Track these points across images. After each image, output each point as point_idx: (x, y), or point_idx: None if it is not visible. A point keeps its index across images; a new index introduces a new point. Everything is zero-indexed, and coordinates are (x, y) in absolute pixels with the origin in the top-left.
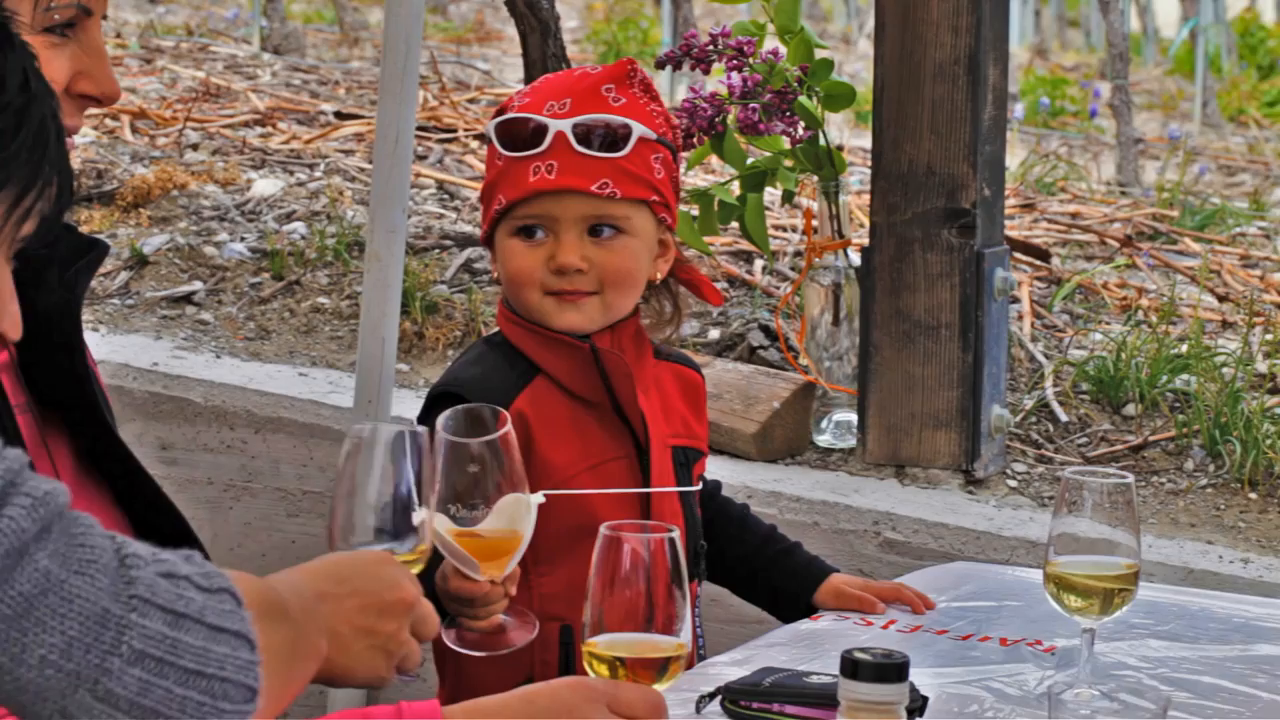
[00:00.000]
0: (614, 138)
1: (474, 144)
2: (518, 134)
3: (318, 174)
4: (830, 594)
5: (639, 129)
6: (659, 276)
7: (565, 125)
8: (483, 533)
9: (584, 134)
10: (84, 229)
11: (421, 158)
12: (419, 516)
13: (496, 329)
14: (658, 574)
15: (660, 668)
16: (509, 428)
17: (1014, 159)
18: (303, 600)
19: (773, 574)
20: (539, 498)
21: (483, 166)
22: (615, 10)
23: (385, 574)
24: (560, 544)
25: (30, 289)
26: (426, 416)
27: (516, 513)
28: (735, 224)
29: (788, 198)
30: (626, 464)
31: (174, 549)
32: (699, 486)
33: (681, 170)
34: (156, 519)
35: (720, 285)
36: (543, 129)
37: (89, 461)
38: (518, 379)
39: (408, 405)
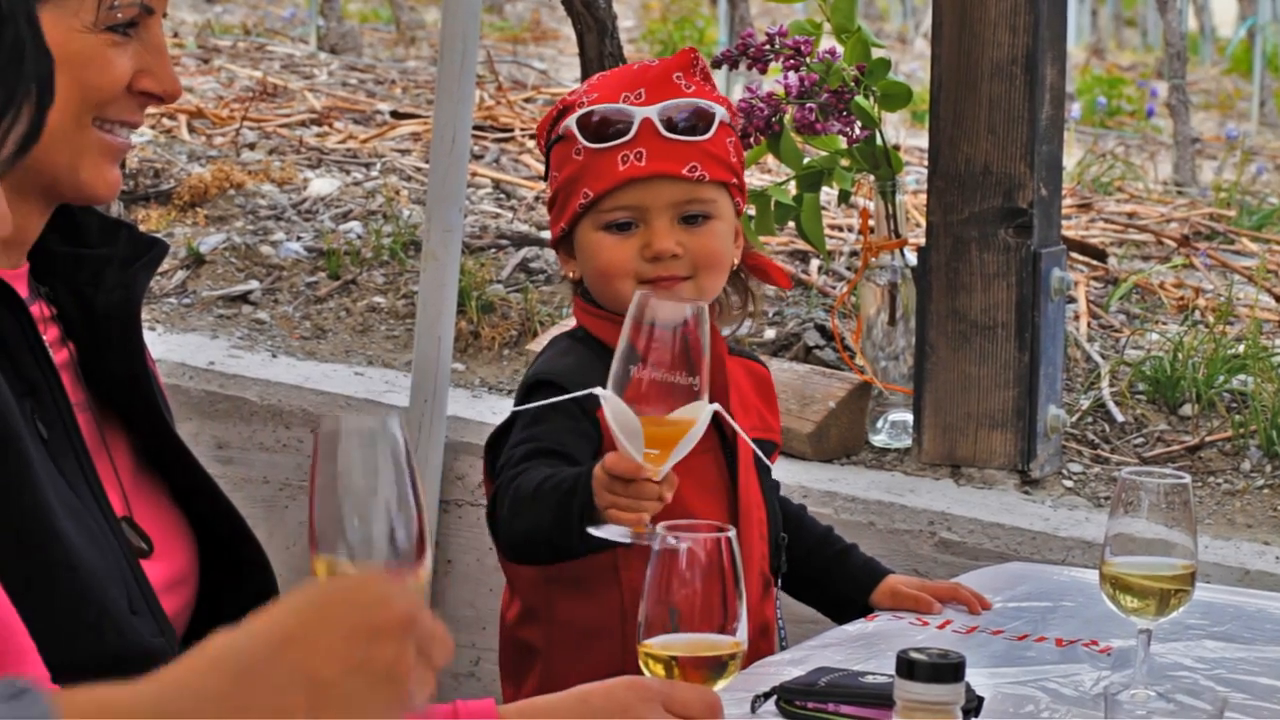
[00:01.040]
0: (699, 121)
1: (530, 143)
2: (602, 125)
3: (374, 173)
4: (887, 595)
5: (720, 112)
6: (735, 262)
7: (651, 112)
8: (659, 418)
9: (670, 119)
10: (141, 228)
11: (478, 157)
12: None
13: (575, 325)
14: (713, 574)
15: (717, 667)
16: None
17: (1071, 159)
18: (259, 652)
19: (829, 575)
20: (715, 406)
21: (540, 166)
22: (671, 9)
23: (369, 593)
24: None
25: (89, 287)
26: (521, 404)
27: (691, 413)
28: (792, 224)
29: (844, 198)
30: (713, 456)
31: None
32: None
33: None
34: (214, 518)
35: (765, 287)
36: (628, 117)
37: (147, 460)
38: (607, 371)
39: (463, 404)
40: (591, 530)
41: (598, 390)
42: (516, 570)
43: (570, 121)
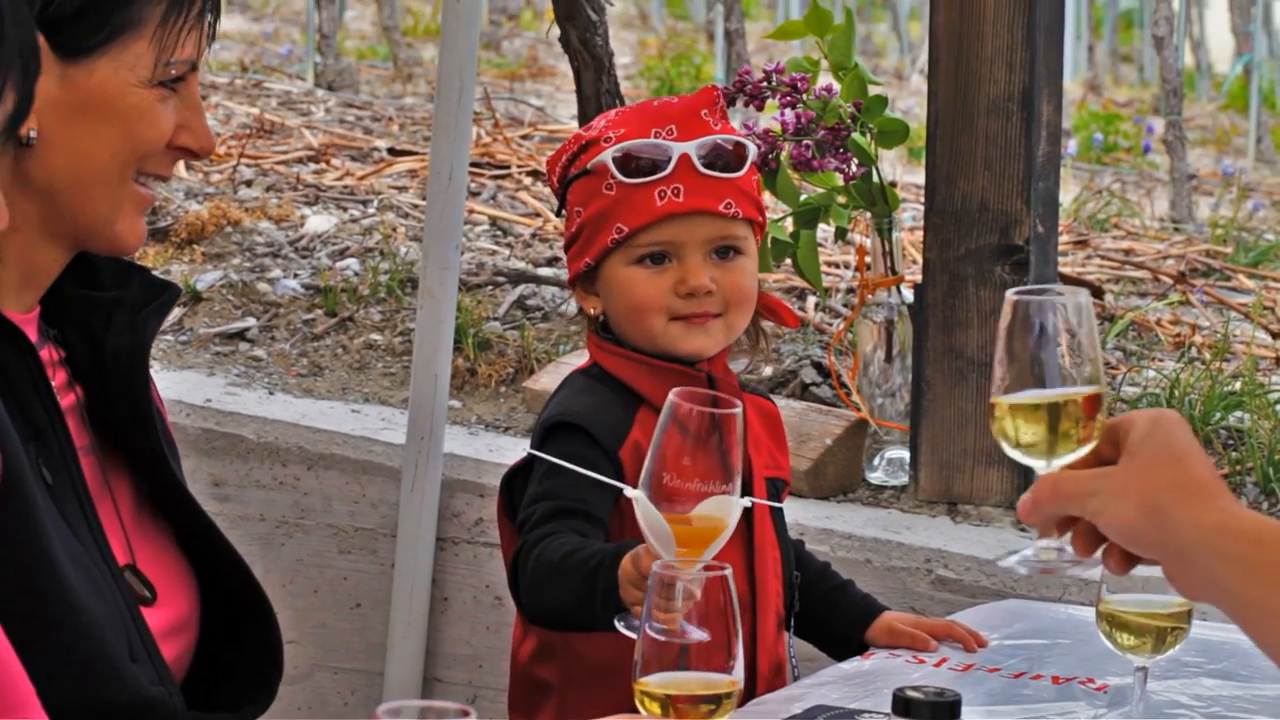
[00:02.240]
0: (734, 158)
1: (527, 180)
2: (639, 160)
3: (371, 210)
4: (883, 632)
5: (752, 149)
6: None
7: (689, 148)
8: (690, 517)
9: (709, 155)
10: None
11: (475, 194)
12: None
13: (589, 362)
14: (711, 611)
15: (712, 705)
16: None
17: (1067, 195)
18: None
19: (825, 611)
20: (746, 501)
21: (538, 203)
22: (669, 46)
23: None
24: None
25: (100, 331)
26: (541, 446)
27: (723, 510)
28: (788, 261)
29: (841, 234)
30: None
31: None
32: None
33: None
34: (217, 562)
35: (769, 326)
36: (667, 153)
37: (151, 502)
38: (627, 409)
39: (460, 442)
40: (620, 626)
41: (628, 491)
42: None
43: (604, 156)
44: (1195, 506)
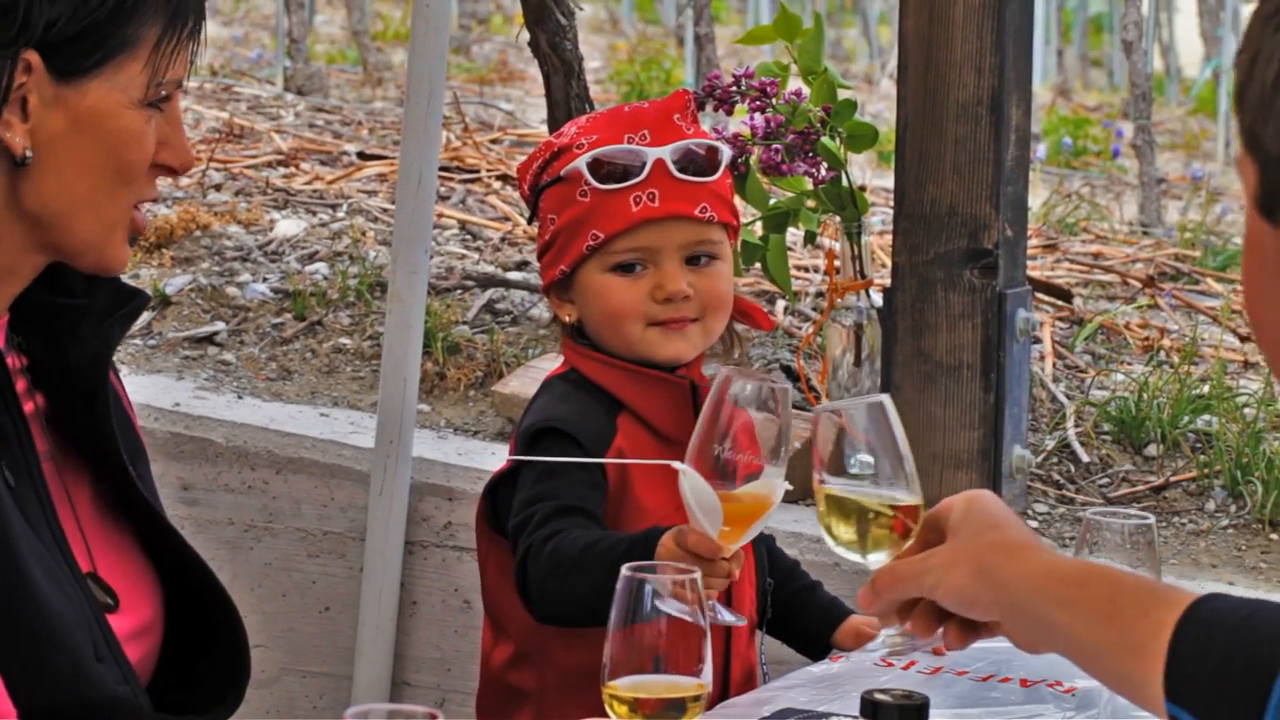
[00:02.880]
0: (708, 162)
1: (497, 184)
2: (613, 166)
3: (340, 214)
4: (850, 634)
5: (726, 153)
6: None
7: (664, 153)
8: (738, 494)
9: (682, 160)
10: None
11: (444, 198)
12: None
13: (565, 368)
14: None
15: (679, 709)
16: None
17: (1036, 199)
18: None
19: (794, 610)
20: (788, 484)
21: (507, 207)
22: (638, 50)
23: None
24: None
25: (65, 338)
26: (528, 453)
27: (767, 489)
28: (758, 265)
29: (810, 238)
30: None
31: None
32: None
33: None
34: (180, 565)
35: (741, 325)
36: (640, 158)
37: (114, 508)
38: (608, 416)
39: (429, 445)
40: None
41: (677, 465)
42: (509, 614)
43: (578, 163)
44: (1019, 560)
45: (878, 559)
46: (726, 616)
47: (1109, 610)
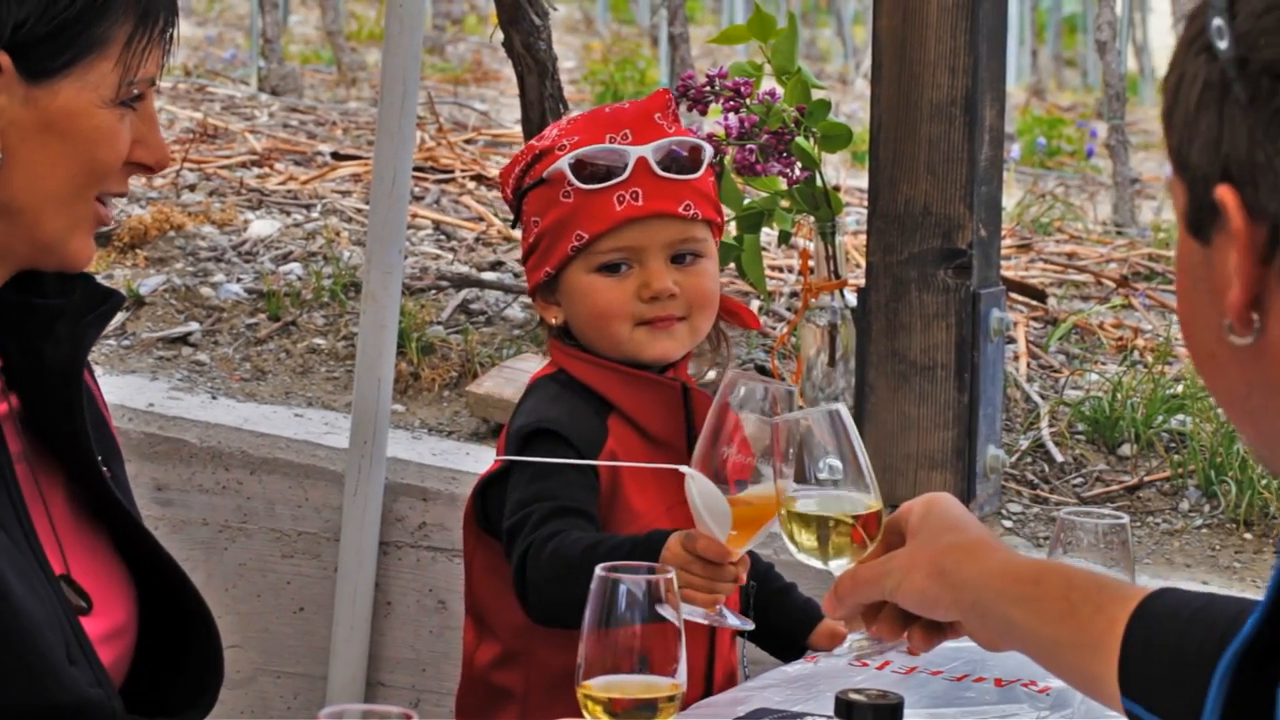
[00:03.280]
0: (691, 160)
1: (471, 185)
2: (595, 166)
3: (314, 215)
4: (825, 635)
5: (708, 150)
6: None
7: (646, 151)
8: (746, 498)
9: (664, 158)
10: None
11: (418, 198)
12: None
13: (553, 368)
14: (654, 614)
15: (653, 709)
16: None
17: (1010, 199)
18: None
19: (769, 612)
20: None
21: (479, 207)
22: (613, 50)
23: None
24: None
25: (39, 339)
26: (521, 454)
27: (764, 489)
28: (732, 265)
29: (784, 238)
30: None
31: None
32: None
33: None
34: (154, 567)
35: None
36: (623, 157)
37: (87, 510)
38: (598, 417)
39: (403, 446)
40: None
41: (684, 469)
42: (496, 615)
43: (561, 164)
44: (975, 560)
45: (839, 565)
46: (733, 620)
47: (1064, 607)
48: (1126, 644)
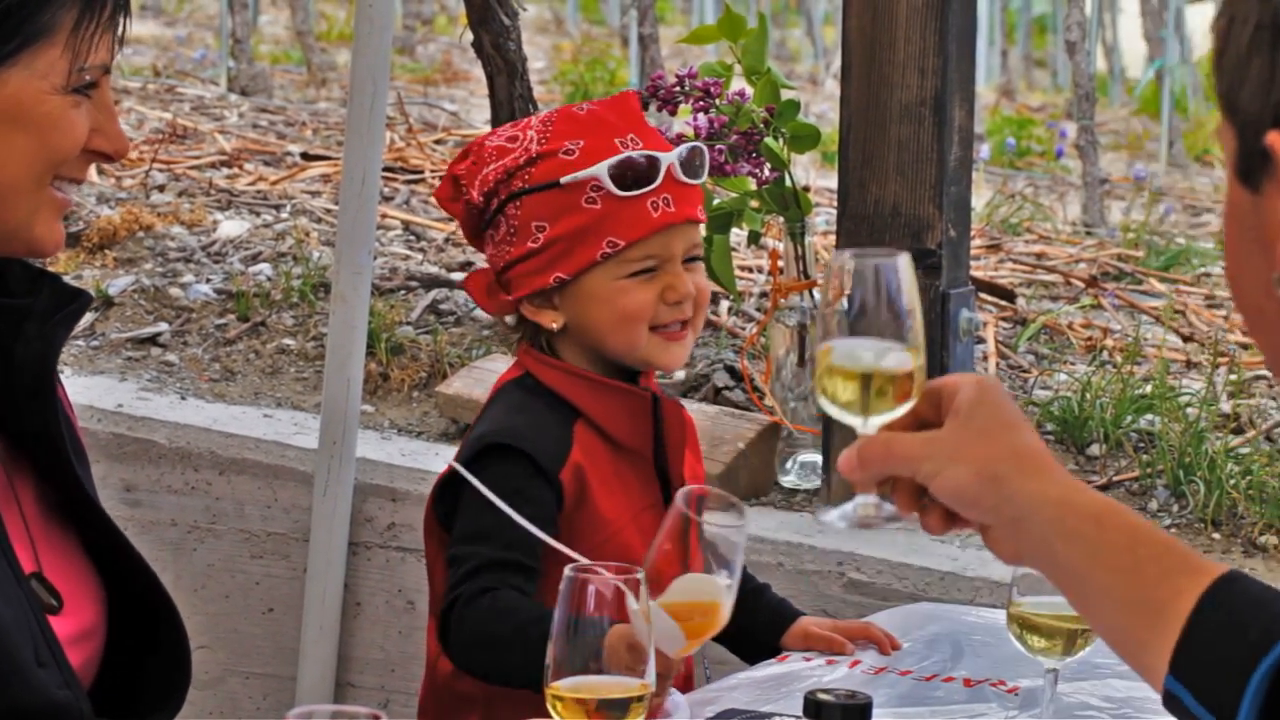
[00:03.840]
0: (701, 164)
1: None
2: (633, 172)
3: (284, 215)
4: (798, 637)
5: (706, 151)
6: None
7: (673, 158)
8: (684, 606)
9: (685, 164)
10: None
11: (388, 199)
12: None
13: (520, 373)
14: (624, 616)
15: (622, 709)
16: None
17: (980, 199)
18: None
19: (740, 615)
20: (725, 579)
21: None
22: (583, 51)
23: None
24: None
25: (8, 339)
26: (473, 467)
27: (699, 589)
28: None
29: (754, 239)
30: (655, 512)
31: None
32: None
33: None
34: (124, 568)
35: None
36: (655, 163)
37: (58, 510)
38: (563, 427)
39: (372, 446)
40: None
41: (631, 603)
42: None
43: (596, 170)
44: (1035, 477)
45: (865, 423)
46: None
47: (1127, 561)
48: (1194, 623)
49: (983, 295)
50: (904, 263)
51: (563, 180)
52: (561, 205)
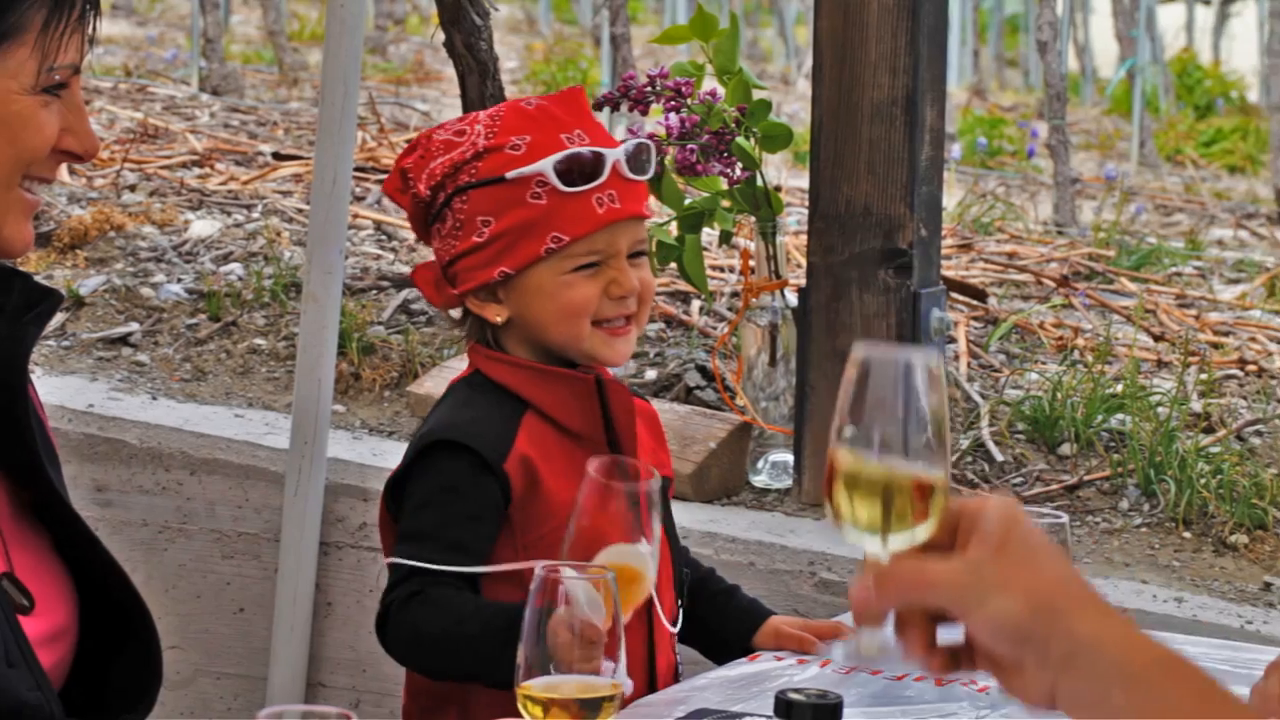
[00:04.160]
0: (648, 160)
1: None
2: (579, 168)
3: (255, 215)
4: (770, 636)
5: (653, 148)
6: None
7: (619, 154)
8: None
9: (632, 160)
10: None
11: (359, 198)
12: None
13: (469, 370)
14: (593, 615)
15: (593, 708)
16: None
17: (951, 199)
18: None
19: (712, 618)
20: (645, 546)
21: None
22: (555, 51)
23: None
24: None
25: None
26: (417, 465)
27: (623, 558)
28: (673, 265)
29: (725, 238)
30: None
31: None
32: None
33: None
34: (95, 569)
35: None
36: (601, 159)
37: (29, 510)
38: (510, 419)
39: (344, 446)
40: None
41: (565, 579)
42: None
43: (542, 165)
44: (1094, 612)
45: (877, 544)
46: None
47: (1198, 708)
48: None
49: (954, 295)
50: (933, 363)
51: (508, 175)
52: (507, 200)
